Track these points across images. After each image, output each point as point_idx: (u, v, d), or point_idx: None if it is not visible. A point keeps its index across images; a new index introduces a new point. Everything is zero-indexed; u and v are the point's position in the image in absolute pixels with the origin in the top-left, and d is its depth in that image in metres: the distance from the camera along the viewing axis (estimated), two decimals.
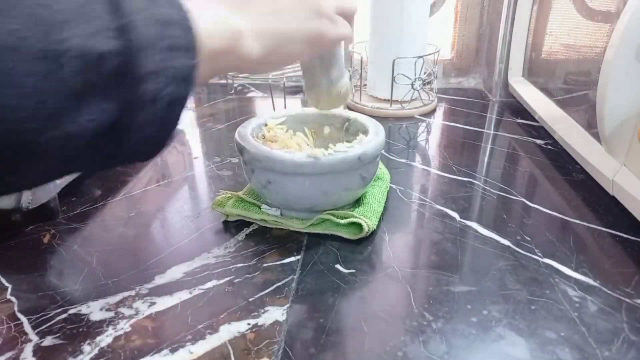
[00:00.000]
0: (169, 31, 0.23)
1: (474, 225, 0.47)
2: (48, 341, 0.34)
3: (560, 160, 0.61)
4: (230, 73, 0.87)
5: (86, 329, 0.35)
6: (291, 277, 0.40)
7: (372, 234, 0.45)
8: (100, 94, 0.21)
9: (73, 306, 0.37)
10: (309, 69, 0.44)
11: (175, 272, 0.41)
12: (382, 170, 0.55)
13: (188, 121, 0.80)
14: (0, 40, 0.18)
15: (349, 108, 0.84)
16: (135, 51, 0.22)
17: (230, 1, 0.30)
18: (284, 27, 0.32)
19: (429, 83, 0.86)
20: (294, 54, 0.34)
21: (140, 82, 0.22)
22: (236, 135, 0.46)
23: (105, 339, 0.34)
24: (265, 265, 0.42)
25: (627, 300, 0.37)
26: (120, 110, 0.22)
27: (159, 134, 0.25)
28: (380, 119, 0.56)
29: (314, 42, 0.35)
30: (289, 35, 0.33)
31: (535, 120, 0.74)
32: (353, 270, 0.41)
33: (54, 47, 0.19)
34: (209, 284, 0.39)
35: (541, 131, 0.71)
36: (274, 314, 0.36)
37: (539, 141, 0.68)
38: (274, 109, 0.84)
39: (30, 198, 0.44)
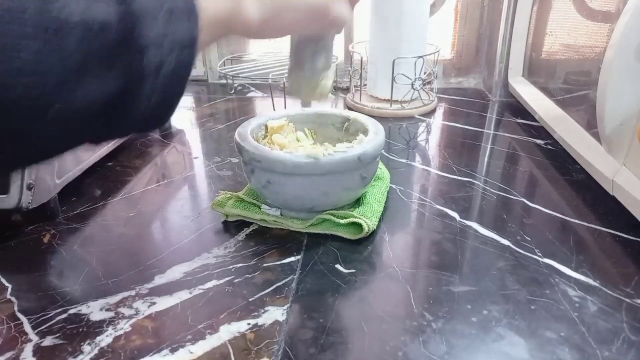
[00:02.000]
0: None
1: (474, 225, 0.47)
2: (48, 341, 0.34)
3: (560, 160, 0.61)
4: (230, 73, 0.87)
5: (86, 329, 0.35)
6: (291, 277, 0.40)
7: (372, 234, 0.45)
8: (104, 63, 0.21)
9: (73, 306, 0.37)
10: (297, 50, 0.43)
11: (175, 272, 0.41)
12: (382, 170, 0.55)
13: (188, 121, 0.80)
14: None
15: (349, 108, 0.84)
16: (137, 19, 0.21)
17: None
18: None
19: (429, 83, 0.86)
20: (292, 24, 0.33)
21: (144, 50, 0.22)
22: (236, 135, 0.46)
23: (105, 339, 0.34)
24: (265, 265, 0.42)
25: (627, 300, 0.37)
26: (125, 79, 0.22)
27: (166, 101, 0.25)
28: (380, 119, 0.56)
29: (314, 16, 0.34)
30: (290, 2, 0.32)
31: (535, 120, 0.74)
32: (353, 270, 0.41)
33: (53, 18, 0.19)
34: (209, 284, 0.39)
35: (541, 131, 0.71)
36: (274, 314, 0.36)
37: (538, 141, 0.68)
38: (274, 109, 0.84)
39: (30, 198, 0.44)
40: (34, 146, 0.22)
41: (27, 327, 0.35)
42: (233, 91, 0.97)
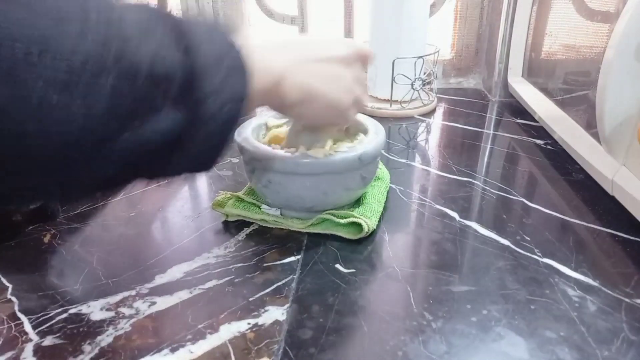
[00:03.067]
0: (228, 54, 0.26)
1: (474, 225, 0.47)
2: (48, 341, 0.34)
3: (560, 160, 0.61)
4: None
5: (86, 329, 0.35)
6: (291, 277, 0.40)
7: (372, 234, 0.45)
8: (169, 105, 0.23)
9: (73, 306, 0.37)
10: (297, 135, 0.45)
11: (176, 272, 0.41)
12: (382, 170, 0.55)
13: None
14: (76, 59, 0.19)
15: None
16: (200, 72, 0.24)
17: (285, 49, 0.35)
18: (321, 86, 0.36)
19: (428, 83, 0.86)
20: (316, 111, 0.38)
21: (204, 99, 0.24)
22: (236, 135, 0.46)
23: (105, 339, 0.34)
24: (265, 265, 0.42)
25: (627, 300, 0.37)
26: (185, 122, 0.24)
27: (216, 147, 0.28)
28: (380, 119, 0.56)
29: (334, 111, 0.39)
30: (319, 93, 0.36)
31: (535, 120, 0.74)
32: (353, 270, 0.41)
33: (128, 60, 0.21)
34: (209, 284, 0.39)
35: (541, 131, 0.71)
36: (274, 314, 0.36)
37: (538, 141, 0.68)
38: None
39: None
40: (92, 179, 0.24)
41: (28, 326, 0.35)
42: None
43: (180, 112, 0.24)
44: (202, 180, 0.58)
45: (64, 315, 0.36)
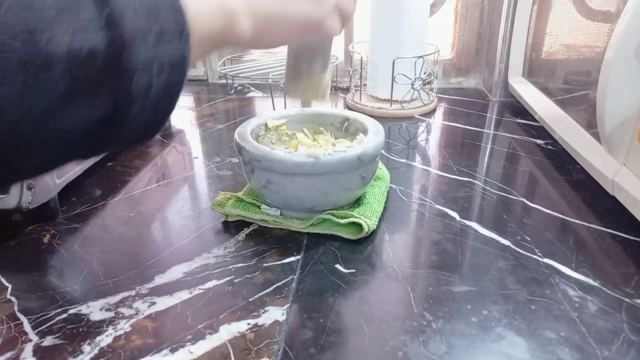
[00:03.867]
0: (158, 17, 0.22)
1: (474, 225, 0.47)
2: (48, 341, 0.34)
3: (560, 160, 0.61)
4: (230, 73, 0.87)
5: (86, 329, 0.35)
6: (291, 277, 0.40)
7: (372, 234, 0.45)
8: (92, 90, 0.21)
9: (73, 306, 0.37)
10: (294, 54, 0.43)
11: (175, 272, 0.41)
12: (382, 170, 0.55)
13: (188, 121, 0.80)
14: None
15: (349, 108, 0.84)
16: (126, 43, 0.21)
17: None
18: (280, 8, 0.31)
19: (429, 83, 0.86)
20: (285, 36, 0.33)
21: (133, 74, 0.22)
22: (236, 135, 0.46)
23: (105, 339, 0.34)
24: (265, 265, 0.42)
25: (627, 300, 0.37)
26: (114, 103, 0.22)
27: (155, 118, 0.25)
28: (380, 119, 0.56)
29: (306, 29, 0.34)
30: (284, 16, 0.32)
31: (535, 120, 0.74)
32: (353, 270, 0.41)
33: (39, 50, 0.19)
34: (209, 284, 0.39)
35: (541, 131, 0.71)
36: (274, 314, 0.36)
37: (539, 141, 0.68)
38: (274, 108, 0.84)
39: (30, 198, 0.44)
40: (21, 166, 0.22)
41: (27, 327, 0.35)
42: (233, 91, 0.97)
43: (106, 94, 0.21)
44: (202, 181, 0.58)
45: (64, 316, 0.36)
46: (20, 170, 0.23)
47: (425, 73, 0.80)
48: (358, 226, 0.44)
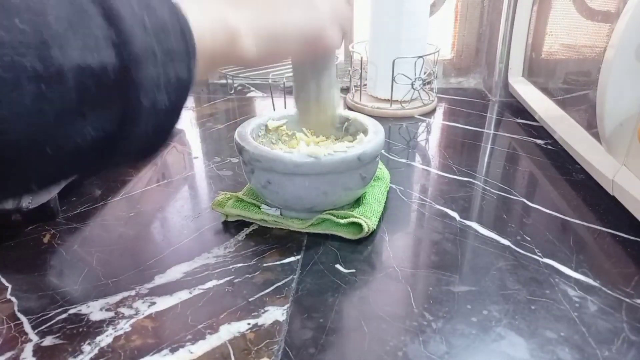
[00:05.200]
0: (167, 35, 0.23)
1: (474, 225, 0.47)
2: (48, 341, 0.34)
3: (560, 160, 0.61)
4: (230, 73, 0.87)
5: (86, 329, 0.35)
6: (291, 277, 0.40)
7: (372, 234, 0.45)
8: (100, 105, 0.22)
9: (73, 306, 0.37)
10: (300, 71, 0.43)
11: (175, 272, 0.41)
12: (382, 170, 0.55)
13: (188, 121, 0.80)
14: None
15: (349, 108, 0.84)
16: (135, 61, 0.22)
17: None
18: (281, 25, 0.32)
19: (429, 83, 0.86)
20: (288, 53, 0.34)
21: (139, 93, 0.22)
22: (236, 135, 0.46)
23: (105, 339, 0.34)
24: (265, 265, 0.42)
25: (627, 300, 0.37)
26: (120, 119, 0.22)
27: (158, 137, 0.25)
28: (380, 119, 0.56)
29: (308, 44, 0.34)
30: (286, 34, 0.32)
31: (535, 120, 0.74)
32: (353, 270, 0.41)
33: (52, 62, 0.19)
34: (209, 284, 0.39)
35: (541, 131, 0.71)
36: (274, 314, 0.36)
37: (539, 141, 0.68)
38: (274, 109, 0.84)
39: (30, 198, 0.44)
40: (32, 176, 0.23)
41: (27, 327, 0.35)
42: (233, 91, 0.97)
43: (114, 107, 0.22)
44: (202, 180, 0.58)
45: (64, 316, 0.36)
46: (31, 180, 0.23)
47: (425, 73, 0.80)
48: (358, 226, 0.44)
